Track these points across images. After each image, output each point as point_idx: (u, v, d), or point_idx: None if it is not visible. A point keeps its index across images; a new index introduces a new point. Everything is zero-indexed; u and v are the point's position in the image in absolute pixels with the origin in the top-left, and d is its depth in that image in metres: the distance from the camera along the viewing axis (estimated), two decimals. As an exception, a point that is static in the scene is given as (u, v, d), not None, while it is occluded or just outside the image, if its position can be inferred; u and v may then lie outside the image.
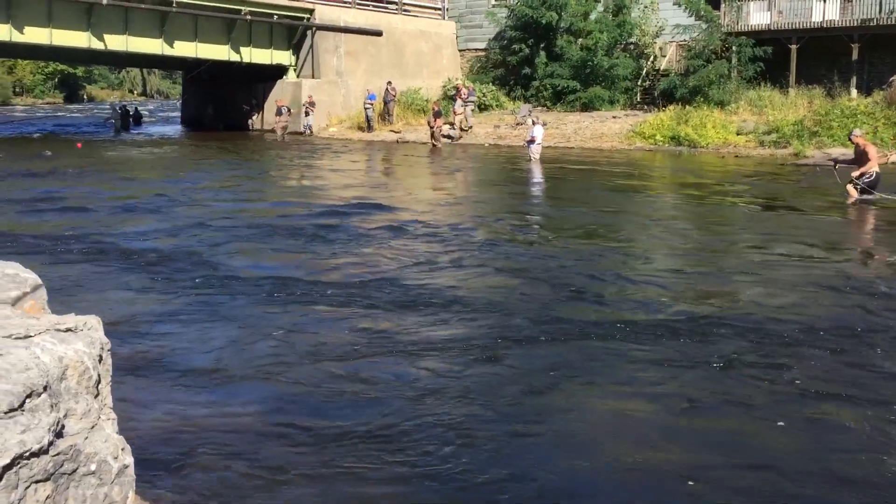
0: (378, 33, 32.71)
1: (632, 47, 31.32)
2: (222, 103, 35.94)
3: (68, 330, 2.73)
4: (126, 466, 2.73)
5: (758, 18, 28.17)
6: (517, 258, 9.13)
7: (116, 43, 29.03)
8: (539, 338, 6.05)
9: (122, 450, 2.74)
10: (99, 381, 2.75)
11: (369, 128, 30.36)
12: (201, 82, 37.95)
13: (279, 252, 9.48)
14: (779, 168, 20.34)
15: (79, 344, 2.67)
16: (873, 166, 13.59)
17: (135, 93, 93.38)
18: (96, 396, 2.71)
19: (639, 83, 30.67)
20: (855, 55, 26.26)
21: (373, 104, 30.47)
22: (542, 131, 21.77)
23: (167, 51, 30.06)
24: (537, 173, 19.18)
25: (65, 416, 2.48)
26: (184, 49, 30.45)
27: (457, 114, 28.98)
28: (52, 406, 2.38)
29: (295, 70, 32.98)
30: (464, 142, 28.03)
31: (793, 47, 26.98)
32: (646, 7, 30.60)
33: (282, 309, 6.89)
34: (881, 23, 25.59)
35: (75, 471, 2.46)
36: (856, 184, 13.65)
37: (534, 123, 22.08)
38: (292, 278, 7.98)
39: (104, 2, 27.03)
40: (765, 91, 26.55)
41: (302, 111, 31.01)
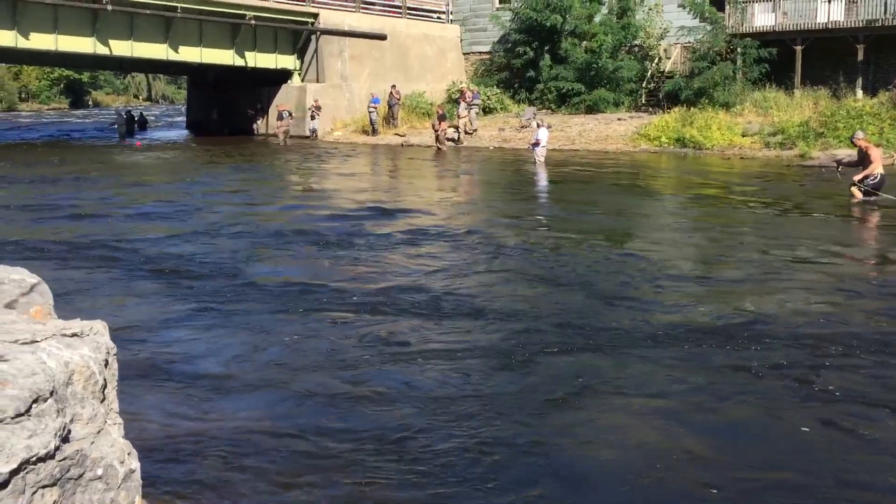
0: (382, 37, 32.75)
1: (636, 49, 31.31)
2: (227, 108, 36.02)
3: (74, 335, 2.73)
4: (132, 471, 2.73)
5: (762, 20, 28.13)
6: (539, 263, 8.96)
7: (121, 48, 29.13)
8: (565, 345, 5.94)
9: (129, 454, 2.73)
10: (105, 386, 2.74)
11: (374, 131, 30.40)
12: (206, 87, 38.06)
13: (295, 258, 9.33)
14: (785, 169, 20.30)
15: (85, 349, 2.67)
16: (877, 168, 13.57)
17: (140, 98, 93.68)
18: (102, 401, 2.70)
19: (643, 85, 30.65)
20: (860, 56, 26.21)
21: (376, 108, 30.51)
22: (547, 134, 21.77)
23: (172, 56, 30.15)
24: (544, 176, 19.16)
25: (71, 420, 2.48)
26: (188, 54, 30.54)
27: (460, 117, 29.00)
28: (58, 411, 2.38)
29: (299, 74, 33.04)
30: (468, 145, 28.04)
31: (798, 48, 26.94)
32: (650, 9, 30.59)
33: (296, 315, 6.77)
34: (886, 24, 25.54)
35: (82, 475, 2.45)
36: (860, 186, 13.64)
37: (539, 126, 22.07)
38: (308, 284, 7.86)
39: (109, 7, 27.12)
40: (770, 92, 26.52)
41: (307, 115, 31.08)
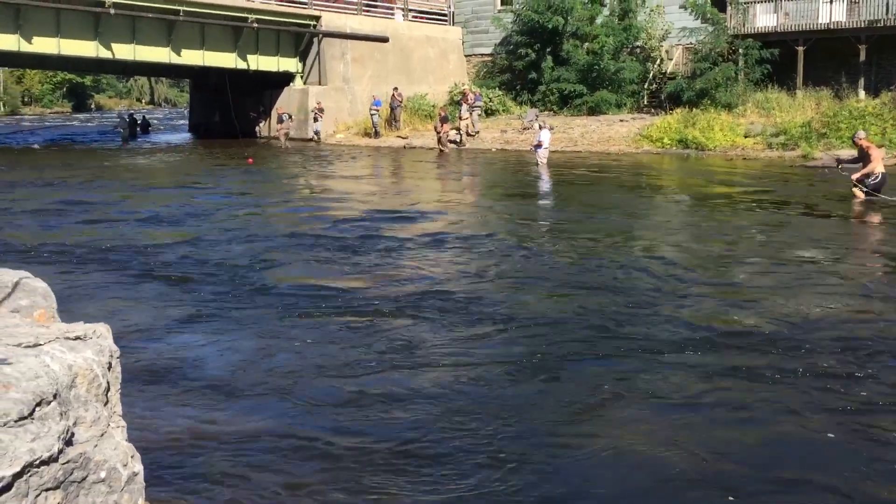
0: (384, 39, 32.78)
1: (638, 51, 31.30)
2: (229, 111, 36.06)
3: (77, 338, 2.74)
4: (136, 474, 2.73)
5: (764, 20, 28.11)
6: (560, 267, 8.81)
7: (124, 52, 29.18)
8: (589, 350, 5.82)
9: (132, 457, 2.74)
10: (108, 389, 2.75)
11: (376, 134, 30.41)
12: (208, 90, 38.10)
13: (306, 262, 9.24)
14: (788, 170, 20.28)
15: (88, 352, 2.67)
16: (876, 167, 13.56)
17: (143, 101, 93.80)
18: (106, 404, 2.71)
19: (645, 86, 30.64)
20: (862, 56, 26.18)
21: (378, 110, 30.53)
22: (550, 135, 21.77)
23: (174, 59, 30.19)
24: (548, 178, 19.13)
25: (74, 423, 2.49)
26: (191, 57, 30.57)
27: (462, 119, 29.00)
28: (61, 414, 2.39)
29: (301, 77, 33.07)
30: (471, 147, 28.05)
31: (800, 49, 26.91)
32: (651, 10, 30.59)
33: (307, 320, 6.69)
34: (888, 24, 25.50)
35: (85, 478, 2.46)
36: (861, 186, 13.63)
37: (541, 128, 22.07)
38: (321, 288, 7.78)
39: (112, 11, 27.17)
40: (772, 93, 26.49)
41: (310, 117, 31.11)
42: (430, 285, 7.89)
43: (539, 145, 21.19)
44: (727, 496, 3.78)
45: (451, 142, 27.50)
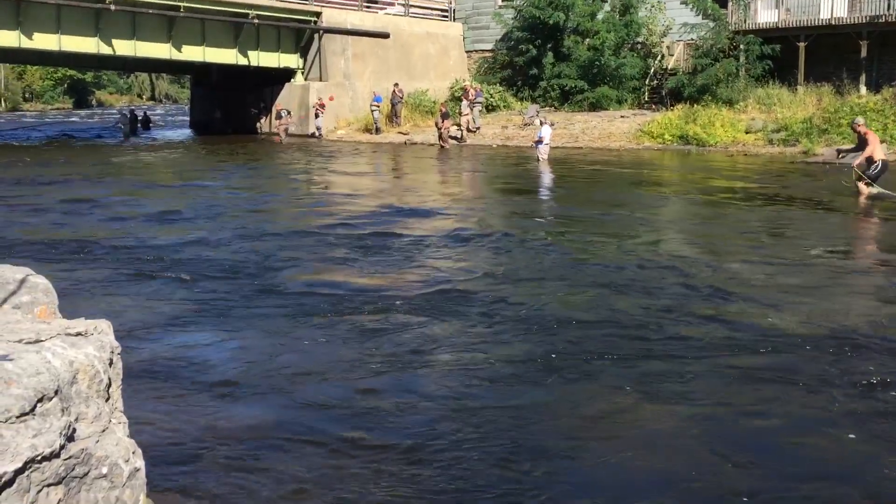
0: (385, 35, 32.76)
1: (639, 47, 31.28)
2: (230, 107, 36.09)
3: (79, 334, 2.75)
4: (137, 470, 2.74)
5: (765, 16, 28.08)
6: (578, 266, 8.61)
7: (125, 48, 29.19)
8: (610, 352, 5.68)
9: (134, 453, 2.75)
10: (110, 385, 2.76)
11: (376, 130, 30.41)
12: (209, 86, 38.11)
13: (315, 260, 9.08)
14: (789, 166, 20.27)
15: (89, 348, 2.68)
16: (876, 154, 13.54)
17: (143, 97, 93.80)
18: (107, 400, 2.72)
19: (646, 82, 30.61)
20: (864, 52, 26.14)
21: (379, 106, 30.53)
22: (551, 131, 21.75)
23: (175, 55, 30.19)
24: (550, 174, 19.10)
25: (76, 419, 2.50)
26: (192, 53, 30.57)
27: (462, 115, 28.99)
28: (63, 410, 2.40)
29: (302, 73, 33.06)
30: (472, 143, 28.03)
31: (801, 45, 26.88)
32: (653, 6, 30.56)
33: (316, 319, 6.56)
34: (890, 20, 25.45)
35: (87, 474, 2.47)
36: (863, 176, 13.60)
37: (542, 124, 22.06)
38: (332, 287, 7.68)
39: (112, 7, 27.17)
40: (773, 89, 26.47)
41: (311, 113, 31.12)
42: (442, 283, 7.77)
43: (540, 141, 21.18)
44: (744, 499, 3.71)
45: (451, 138, 27.48)
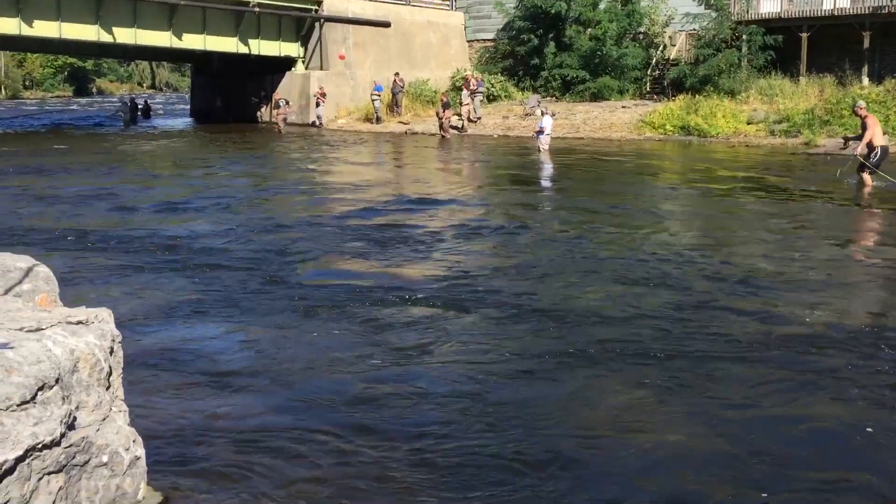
0: (386, 24, 32.66)
1: (641, 37, 31.19)
2: (231, 96, 36.02)
3: (80, 323, 2.74)
4: (138, 458, 2.75)
5: (768, 6, 27.99)
6: (592, 260, 8.42)
7: (125, 36, 29.11)
8: (632, 346, 5.55)
9: (134, 441, 2.75)
10: (110, 374, 2.76)
11: (377, 119, 30.35)
12: (210, 75, 38.03)
13: (323, 251, 8.94)
14: (791, 157, 20.21)
15: (90, 336, 2.68)
16: (876, 140, 13.52)
17: (144, 86, 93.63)
18: (108, 388, 2.72)
19: (648, 73, 30.55)
20: (866, 43, 26.07)
21: (380, 95, 30.47)
22: (552, 122, 21.70)
23: (176, 43, 30.12)
24: (552, 165, 19.04)
25: (76, 408, 2.50)
26: (192, 42, 30.50)
27: (463, 105, 28.93)
28: (63, 398, 2.40)
29: (303, 62, 32.99)
30: (473, 133, 27.98)
31: (803, 35, 26.81)
32: (655, -4, 30.51)
33: (326, 312, 6.44)
34: (893, 10, 25.38)
35: (87, 462, 2.47)
36: (867, 166, 13.58)
37: (543, 114, 22.01)
38: (341, 278, 7.55)
39: (113, -5, 27.12)
40: (775, 80, 26.41)
41: (312, 102, 31.07)
42: (458, 276, 7.63)
43: (541, 131, 21.13)
44: (763, 495, 3.67)
45: (452, 128, 27.43)
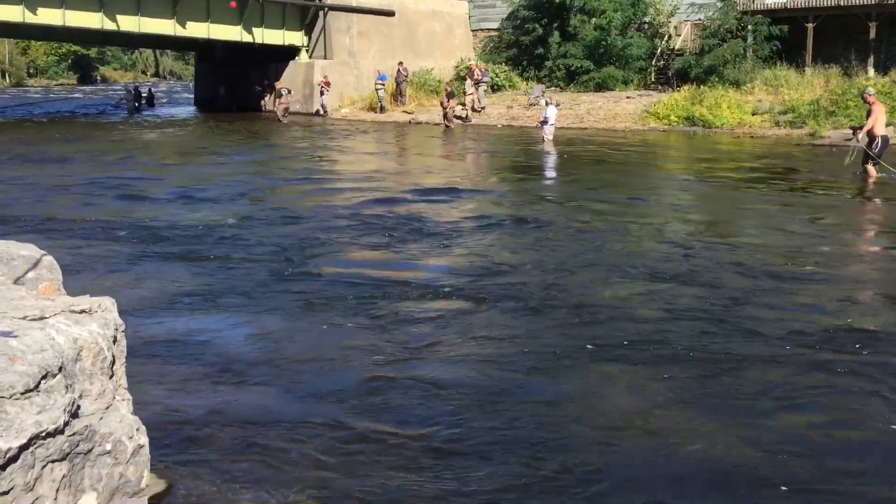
0: (390, 13, 32.56)
1: (646, 27, 31.08)
2: (235, 84, 35.95)
3: (83, 311, 2.75)
4: (141, 446, 2.75)
5: (774, -3, 27.89)
6: (627, 256, 8.12)
7: (129, 24, 29.05)
8: (659, 343, 5.39)
9: (138, 430, 2.76)
10: (113, 362, 2.76)
11: (381, 109, 30.30)
12: (214, 63, 37.96)
13: (345, 244, 8.75)
14: (796, 148, 20.16)
15: (93, 325, 2.68)
16: (873, 124, 13.49)
17: (148, 74, 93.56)
18: (111, 377, 2.72)
19: (653, 63, 30.45)
20: (872, 34, 25.96)
21: (384, 85, 30.40)
22: (556, 112, 21.67)
23: (179, 31, 30.06)
24: (556, 155, 18.98)
25: (80, 396, 2.50)
26: (196, 30, 30.43)
27: (467, 94, 28.87)
28: (67, 387, 2.40)
29: (307, 51, 32.91)
30: (477, 123, 27.92)
31: (809, 26, 26.69)
32: (660, -14, 30.38)
33: (337, 304, 6.32)
34: (900, 1, 25.28)
35: (91, 450, 2.48)
36: (870, 156, 13.54)
37: (547, 104, 21.98)
38: (362, 272, 7.40)
39: (116, -18, 27.05)
40: (781, 70, 26.32)
41: (316, 91, 31.01)
42: (479, 270, 7.49)
43: (545, 121, 21.10)
44: (786, 492, 3.63)
45: (456, 117, 27.39)
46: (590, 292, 6.74)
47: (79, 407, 2.47)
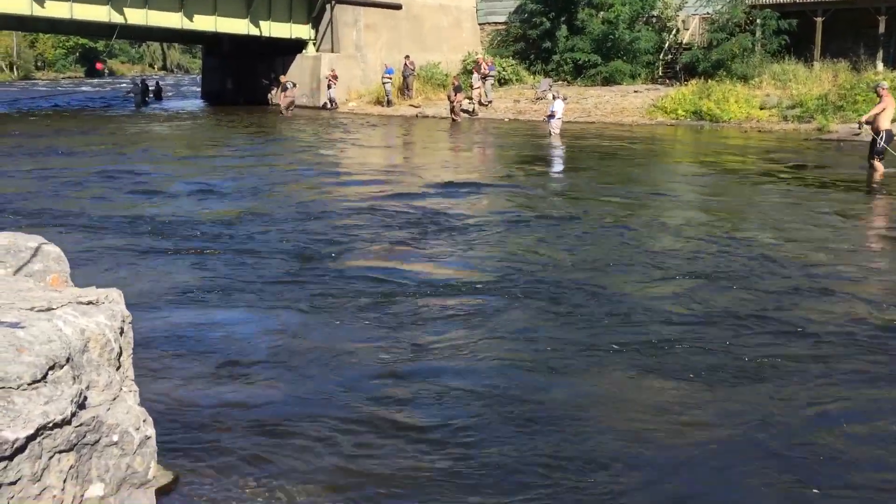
0: (397, 6, 32.50)
1: (654, 20, 30.95)
2: (242, 77, 35.96)
3: (90, 303, 2.75)
4: (148, 437, 2.76)
5: (783, -10, 27.73)
6: (654, 255, 7.89)
7: (136, 17, 29.06)
8: (691, 344, 5.26)
9: (144, 421, 2.77)
10: (120, 354, 2.77)
11: (388, 102, 30.28)
12: (221, 56, 37.96)
13: (364, 240, 8.61)
14: (804, 143, 20.08)
15: (100, 316, 2.69)
16: (875, 113, 13.41)
17: (155, 67, 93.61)
18: (118, 368, 2.73)
19: (661, 57, 30.32)
20: (881, 28, 25.81)
21: (391, 78, 30.37)
22: (563, 106, 21.61)
23: (186, 25, 30.06)
24: (564, 149, 18.92)
25: (87, 387, 2.51)
26: (203, 23, 30.43)
27: (474, 88, 28.82)
28: (74, 378, 2.41)
29: (314, 44, 32.89)
30: (484, 117, 27.88)
31: (818, 20, 26.55)
32: (669, -21, 30.25)
33: (367, 301, 6.23)
34: (909, -5, 25.13)
35: (98, 441, 2.49)
36: (877, 153, 13.46)
37: (554, 98, 21.92)
38: (384, 270, 7.27)
39: (124, -24, 27.05)
40: (789, 65, 26.19)
41: (324, 84, 30.99)
42: (504, 268, 7.36)
43: (552, 115, 21.05)
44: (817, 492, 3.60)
45: (463, 111, 27.36)
46: (619, 291, 6.59)
47: (86, 398, 2.48)
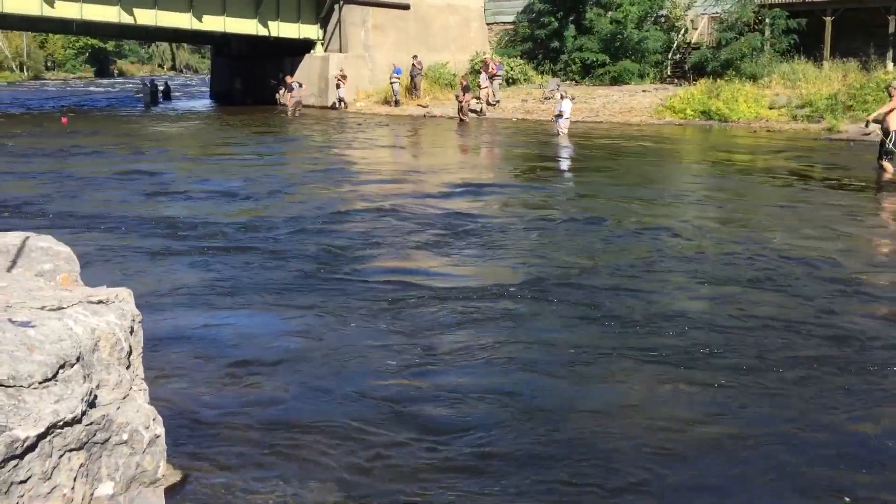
0: (405, 6, 32.52)
1: (662, 20, 30.87)
2: (250, 78, 36.05)
3: (100, 302, 2.77)
4: (157, 436, 2.77)
5: (792, -10, 27.63)
6: (686, 259, 7.75)
7: (146, 17, 29.18)
8: (720, 350, 5.19)
9: (154, 420, 2.78)
10: (130, 353, 2.78)
11: (396, 102, 30.30)
12: (230, 57, 38.07)
13: (382, 243, 8.45)
14: (814, 143, 20.00)
15: (111, 316, 2.70)
16: (885, 111, 13.33)
17: (164, 67, 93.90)
18: (128, 367, 2.74)
19: (669, 56, 30.25)
20: (891, 28, 25.67)
21: (399, 78, 30.39)
22: (571, 105, 21.59)
23: (196, 25, 30.16)
24: (572, 148, 18.88)
25: (97, 386, 2.52)
26: (212, 23, 30.52)
27: (482, 88, 28.82)
28: (84, 377, 2.42)
29: (322, 44, 32.94)
30: (491, 116, 27.87)
31: (827, 19, 26.44)
32: (677, -21, 30.16)
33: (385, 305, 6.13)
34: (920, -6, 25.00)
35: (108, 440, 2.50)
36: (887, 154, 13.40)
37: (562, 98, 21.90)
38: (405, 272, 7.17)
39: (133, -24, 27.15)
40: (798, 64, 26.09)
41: (332, 84, 31.04)
42: (530, 272, 7.22)
43: (560, 115, 21.03)
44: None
45: (471, 111, 27.36)
46: (648, 296, 6.44)
47: (96, 397, 2.49)
